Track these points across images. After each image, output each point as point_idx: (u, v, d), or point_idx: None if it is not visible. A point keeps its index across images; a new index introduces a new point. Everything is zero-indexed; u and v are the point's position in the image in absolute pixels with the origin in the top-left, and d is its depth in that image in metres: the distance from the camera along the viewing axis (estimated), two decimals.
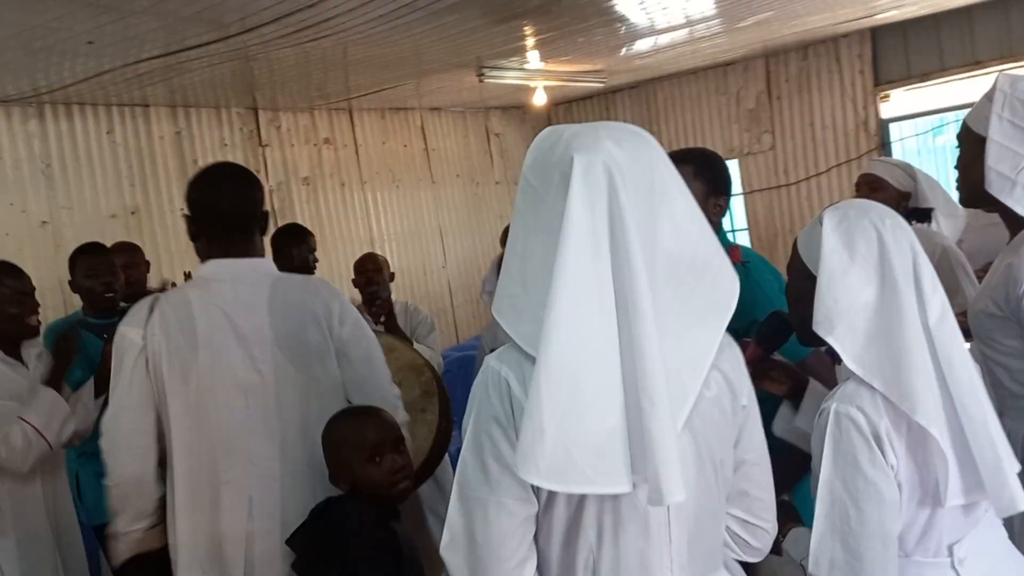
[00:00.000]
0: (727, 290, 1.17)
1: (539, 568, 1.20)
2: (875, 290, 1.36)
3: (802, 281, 1.47)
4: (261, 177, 6.05)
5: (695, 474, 1.18)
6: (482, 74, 5.60)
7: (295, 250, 3.68)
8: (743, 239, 7.73)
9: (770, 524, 1.32)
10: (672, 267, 1.12)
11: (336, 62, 5.00)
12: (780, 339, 1.74)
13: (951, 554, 1.39)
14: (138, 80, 4.74)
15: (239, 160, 5.92)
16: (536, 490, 1.14)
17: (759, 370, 1.69)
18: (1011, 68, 6.17)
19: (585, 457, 1.04)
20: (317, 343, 1.98)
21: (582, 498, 1.14)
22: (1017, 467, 1.38)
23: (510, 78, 5.86)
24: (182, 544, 1.94)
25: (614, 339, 1.05)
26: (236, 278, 1.97)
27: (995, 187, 1.75)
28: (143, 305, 1.99)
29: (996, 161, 1.74)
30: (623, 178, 1.09)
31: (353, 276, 4.17)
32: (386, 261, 4.21)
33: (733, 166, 7.62)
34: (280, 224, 4.24)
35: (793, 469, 1.57)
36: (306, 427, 1.97)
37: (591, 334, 1.05)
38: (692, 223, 1.16)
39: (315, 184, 6.40)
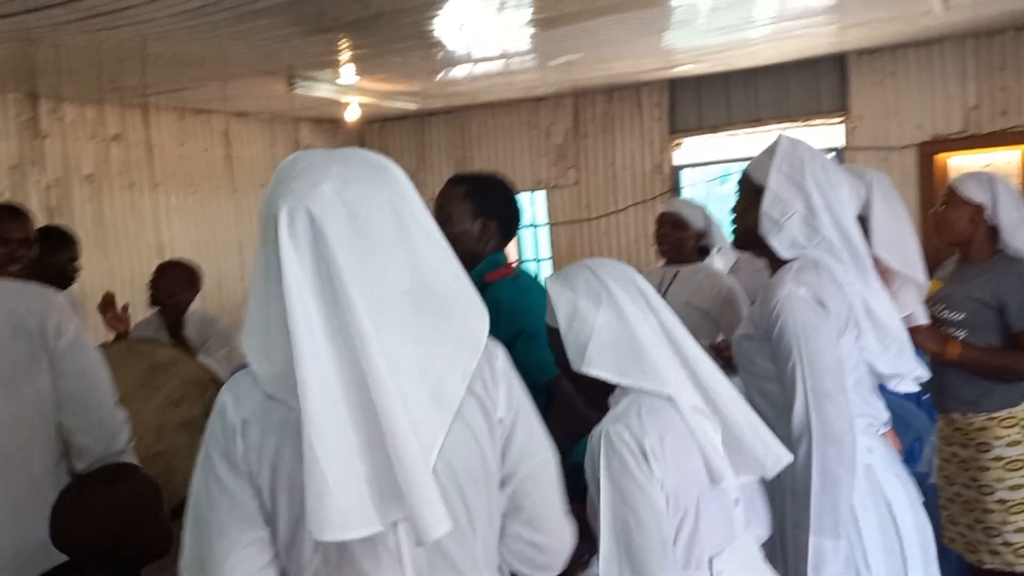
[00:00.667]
0: (477, 325, 1.19)
1: None
2: (604, 311, 1.52)
3: (551, 333, 1.62)
4: (37, 171, 5.51)
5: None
6: (293, 83, 5.44)
7: (52, 258, 3.34)
8: (546, 269, 8.00)
9: (557, 538, 1.31)
10: (412, 306, 1.12)
11: (133, 54, 4.65)
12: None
13: (711, 567, 1.48)
14: None
15: (12, 151, 5.37)
16: (264, 513, 1.15)
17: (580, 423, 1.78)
18: (787, 127, 6.86)
19: (351, 504, 1.04)
20: (25, 356, 1.83)
21: (299, 523, 1.12)
22: (769, 431, 1.56)
23: (322, 91, 5.73)
24: None
25: (345, 388, 1.06)
26: None
27: (764, 229, 1.97)
28: None
29: (769, 207, 1.96)
30: (333, 224, 1.08)
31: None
32: (185, 269, 3.89)
33: (541, 197, 7.89)
34: (55, 221, 3.87)
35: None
36: (14, 446, 1.82)
37: (329, 388, 1.05)
38: (437, 260, 1.16)
39: (100, 183, 5.91)
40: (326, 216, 1.08)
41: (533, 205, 8.02)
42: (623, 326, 1.51)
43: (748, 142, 6.98)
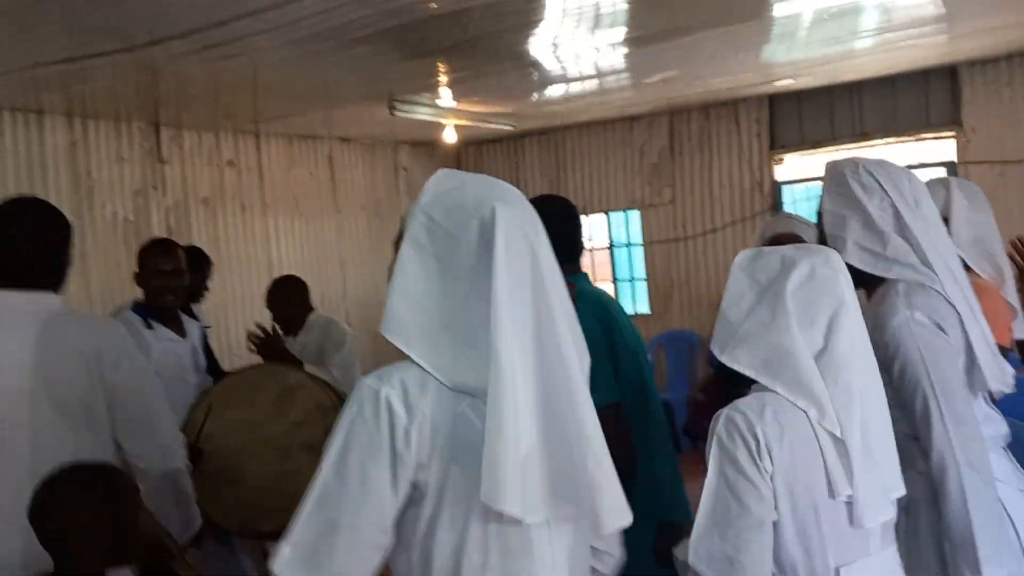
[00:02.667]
0: (583, 343, 1.28)
1: None
2: (767, 306, 1.49)
3: None
4: (158, 195, 5.87)
5: None
6: (393, 107, 5.63)
7: (194, 274, 3.58)
8: (641, 288, 7.95)
9: (616, 550, 1.39)
10: (567, 324, 1.23)
11: (245, 84, 4.93)
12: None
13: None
14: (34, 84, 4.55)
15: (136, 176, 5.73)
16: (413, 518, 1.17)
17: (711, 397, 1.78)
18: (895, 143, 6.63)
19: (526, 485, 1.12)
20: (85, 388, 1.94)
21: (467, 520, 1.15)
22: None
23: (421, 114, 5.90)
24: None
25: (538, 392, 1.15)
26: (9, 311, 1.95)
27: (834, 248, 1.91)
28: None
29: (830, 227, 1.96)
30: (537, 238, 1.22)
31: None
32: (295, 284, 4.10)
33: (635, 217, 7.87)
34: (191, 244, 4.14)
35: None
36: None
37: (524, 386, 1.13)
38: (561, 279, 1.26)
39: (215, 206, 6.25)
40: (525, 222, 1.21)
41: (628, 225, 8.00)
42: (775, 330, 1.47)
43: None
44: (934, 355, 1.77)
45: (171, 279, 3.05)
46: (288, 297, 4.02)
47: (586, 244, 2.45)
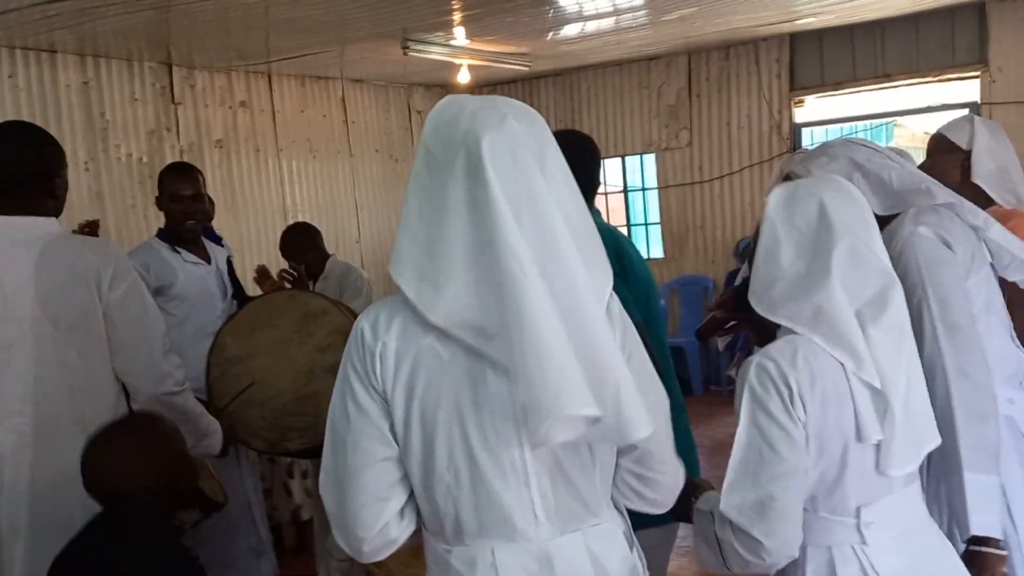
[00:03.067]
0: (604, 257, 1.27)
1: (420, 511, 1.28)
2: (807, 257, 1.45)
3: (757, 245, 1.56)
4: (172, 136, 5.85)
5: None
6: (407, 46, 5.55)
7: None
8: (655, 232, 7.91)
9: (666, 476, 1.34)
10: (573, 236, 1.20)
11: (257, 21, 4.86)
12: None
13: (858, 516, 1.45)
14: (46, 22, 4.51)
15: (149, 117, 5.71)
16: (394, 434, 1.22)
17: (737, 320, 1.78)
18: (917, 82, 6.49)
19: (575, 385, 1.13)
20: (82, 304, 2.00)
21: (433, 442, 1.20)
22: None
23: (434, 53, 5.82)
24: None
25: (555, 302, 1.14)
26: (11, 234, 2.01)
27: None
28: None
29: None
30: (526, 154, 1.18)
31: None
32: (306, 231, 4.16)
33: (651, 160, 7.78)
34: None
35: None
36: (69, 387, 2.00)
37: (543, 298, 1.13)
38: (575, 198, 1.24)
39: (228, 148, 6.23)
40: (520, 147, 1.18)
41: (643, 168, 7.92)
42: (812, 291, 1.44)
43: (875, 99, 6.65)
44: (933, 264, 1.76)
45: (191, 203, 3.06)
46: (299, 245, 4.08)
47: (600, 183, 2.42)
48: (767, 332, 1.80)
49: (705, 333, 2.02)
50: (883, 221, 1.88)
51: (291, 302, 2.99)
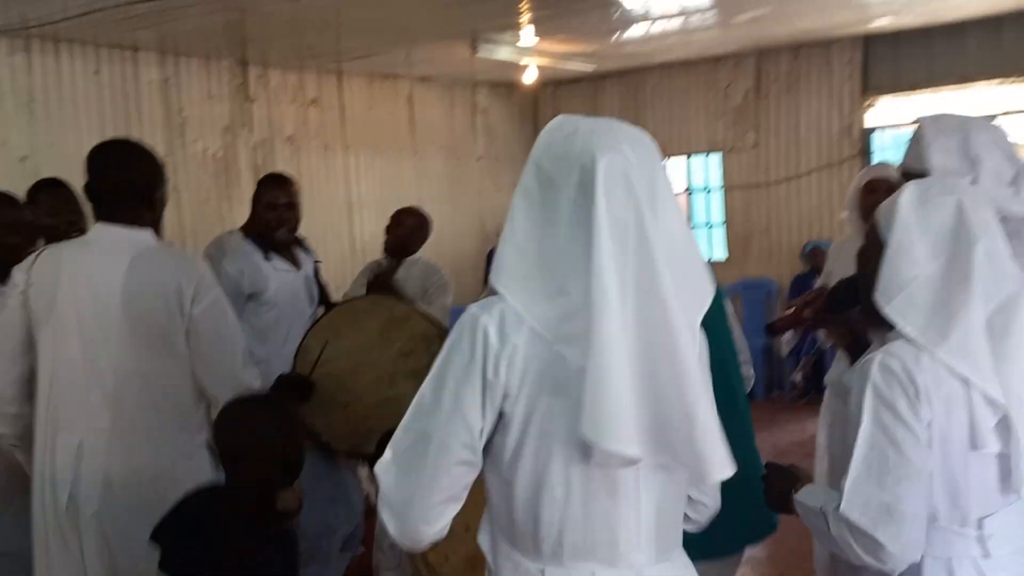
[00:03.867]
0: (706, 286, 1.26)
1: (503, 526, 1.24)
2: (942, 264, 1.42)
3: (873, 249, 1.52)
4: (246, 132, 6.02)
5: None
6: (476, 46, 5.60)
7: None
8: (719, 234, 7.82)
9: (713, 502, 1.36)
10: (676, 267, 1.20)
11: (329, 21, 4.97)
12: (847, 303, 1.79)
13: (980, 527, 1.42)
14: (128, 22, 4.68)
15: (225, 114, 5.88)
16: (500, 445, 1.20)
17: (818, 320, 1.75)
18: (1000, 85, 6.28)
19: (645, 430, 1.14)
20: (163, 316, 2.09)
21: (550, 454, 1.18)
22: None
23: (502, 53, 5.86)
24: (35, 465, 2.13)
25: (638, 337, 1.15)
26: (106, 243, 2.13)
27: None
28: (38, 252, 2.20)
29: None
30: (639, 182, 1.18)
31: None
32: (424, 218, 4.20)
33: (715, 161, 7.70)
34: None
35: None
36: (144, 393, 2.10)
37: (623, 331, 1.14)
38: (682, 226, 1.25)
39: (299, 144, 6.37)
40: (633, 172, 1.18)
41: (707, 169, 7.84)
42: (950, 294, 1.39)
43: (953, 101, 6.45)
44: None
45: (285, 212, 3.15)
46: (417, 226, 4.10)
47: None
48: (858, 340, 1.77)
49: (779, 328, 1.96)
50: None
51: (375, 307, 3.05)
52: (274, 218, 3.14)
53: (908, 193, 1.48)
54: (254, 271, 3.11)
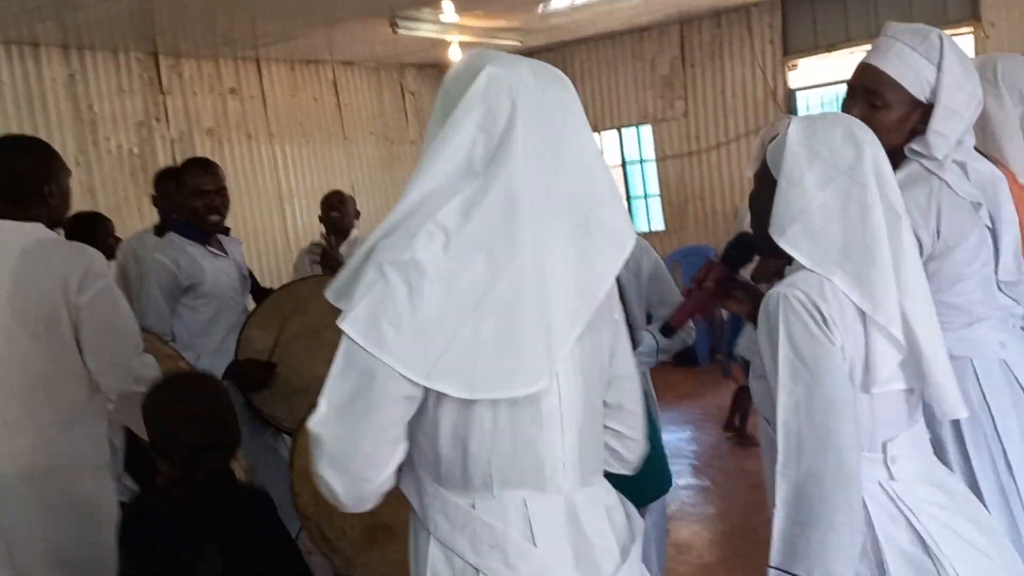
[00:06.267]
0: (624, 227, 1.22)
1: (428, 465, 1.19)
2: (838, 191, 1.39)
3: (765, 188, 1.49)
4: (162, 127, 5.80)
5: (581, 374, 1.22)
6: (395, 24, 5.48)
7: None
8: (655, 205, 7.85)
9: (640, 435, 1.36)
10: (571, 201, 1.16)
11: (241, 5, 4.80)
12: (744, 258, 1.76)
13: (884, 451, 1.43)
14: (27, 16, 4.45)
15: (138, 108, 5.66)
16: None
17: (724, 289, 1.70)
18: None
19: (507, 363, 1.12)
20: (50, 306, 2.07)
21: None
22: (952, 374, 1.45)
23: (424, 31, 5.75)
24: None
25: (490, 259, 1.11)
26: None
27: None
28: None
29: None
30: (527, 104, 1.14)
31: (320, 213, 4.28)
32: (351, 198, 4.33)
33: (647, 132, 7.71)
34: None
35: None
36: (33, 385, 2.07)
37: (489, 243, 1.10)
38: (595, 164, 1.21)
39: (220, 136, 6.17)
40: (524, 97, 1.14)
41: (640, 140, 7.85)
42: (846, 220, 1.38)
43: None
44: (955, 213, 1.73)
45: (216, 198, 3.00)
46: (342, 201, 4.25)
47: None
48: (759, 299, 1.76)
49: (675, 323, 1.85)
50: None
51: (319, 288, 2.96)
52: (204, 205, 2.97)
53: (795, 126, 1.45)
54: (189, 261, 2.97)
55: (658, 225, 7.77)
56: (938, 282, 1.73)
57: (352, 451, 1.12)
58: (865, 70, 1.80)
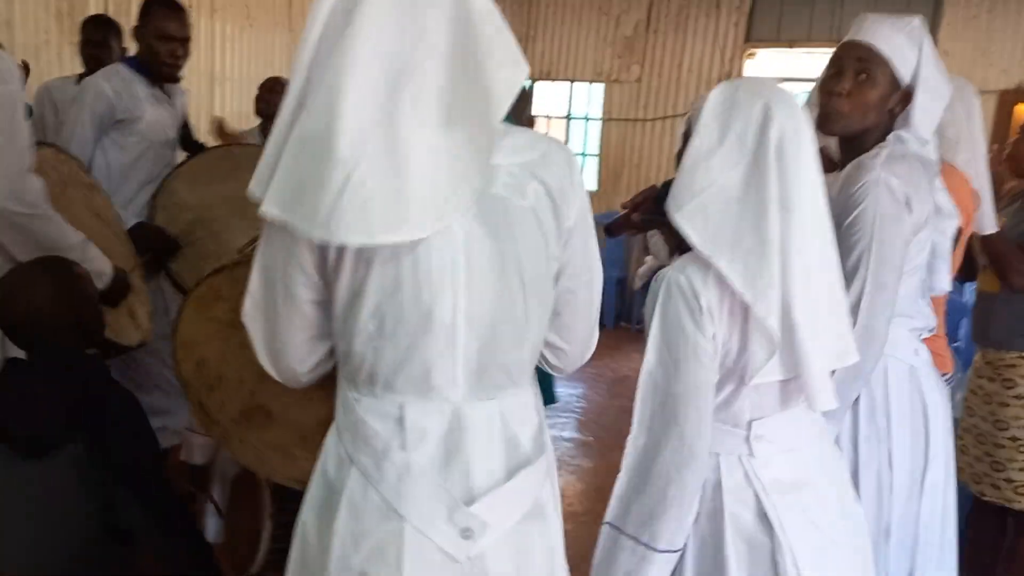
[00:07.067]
0: (512, 74, 1.13)
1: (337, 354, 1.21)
2: (741, 174, 1.35)
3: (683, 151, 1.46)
4: None
5: (494, 279, 1.15)
6: None
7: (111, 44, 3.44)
8: (592, 164, 7.86)
9: (579, 348, 1.34)
10: (451, 58, 1.08)
11: None
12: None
13: (748, 428, 1.45)
14: None
15: None
16: (323, 270, 1.14)
17: (646, 224, 1.70)
18: None
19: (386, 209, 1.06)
20: None
21: (363, 286, 1.12)
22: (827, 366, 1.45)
23: None
24: None
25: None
26: None
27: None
28: None
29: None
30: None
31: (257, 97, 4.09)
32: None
33: (599, 90, 7.67)
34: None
35: None
36: None
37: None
38: (488, 21, 1.12)
39: None
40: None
41: (589, 98, 7.81)
42: (742, 205, 1.34)
43: (824, 63, 6.65)
44: (887, 220, 1.72)
45: (179, 47, 2.79)
46: (280, 92, 3.90)
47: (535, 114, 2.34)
48: (683, 240, 1.77)
49: (615, 229, 1.94)
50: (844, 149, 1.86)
51: (253, 157, 2.83)
52: (167, 51, 2.76)
53: (718, 91, 1.40)
54: (130, 96, 2.77)
55: (591, 185, 7.79)
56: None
57: (278, 347, 1.21)
58: (855, 46, 1.80)
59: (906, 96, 1.81)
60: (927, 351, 1.96)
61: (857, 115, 1.80)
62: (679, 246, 1.76)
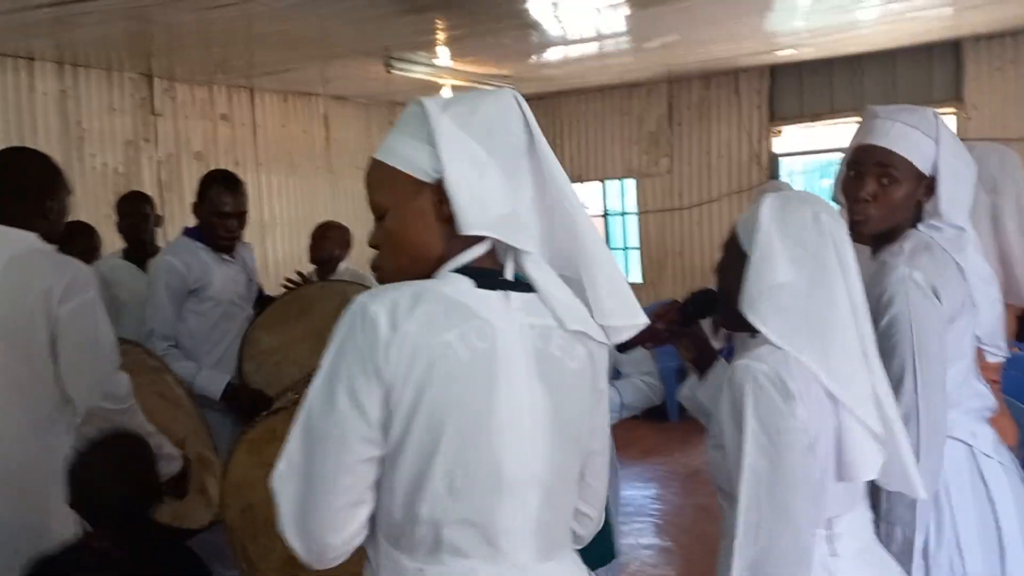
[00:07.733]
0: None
1: (383, 523, 1.16)
2: (806, 274, 1.42)
3: (733, 260, 1.51)
4: (150, 147, 5.80)
5: (552, 442, 1.16)
6: (390, 65, 5.55)
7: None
8: (634, 258, 7.92)
9: (597, 513, 1.33)
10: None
11: (239, 35, 4.85)
12: (700, 313, 1.78)
13: (830, 527, 1.43)
14: (23, 28, 4.47)
15: (127, 127, 5.67)
16: (386, 434, 1.11)
17: (671, 335, 1.73)
18: None
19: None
20: (27, 317, 2.03)
21: (436, 445, 1.10)
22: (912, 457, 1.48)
23: (417, 72, 5.82)
24: None
25: None
26: None
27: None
28: None
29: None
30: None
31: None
32: (339, 228, 4.21)
33: (631, 186, 7.81)
34: (164, 196, 4.10)
35: None
36: (17, 382, 2.04)
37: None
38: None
39: (207, 160, 6.18)
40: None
41: (623, 193, 7.95)
42: (818, 305, 1.40)
43: (852, 132, 6.70)
44: (923, 319, 1.73)
45: (234, 221, 2.97)
46: (342, 239, 4.13)
47: None
48: (703, 354, 1.80)
49: (630, 342, 1.92)
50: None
51: (324, 292, 2.94)
52: (221, 225, 2.94)
53: (768, 203, 1.48)
54: (199, 265, 2.94)
55: (636, 278, 7.83)
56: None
57: (309, 511, 1.11)
58: (873, 150, 1.83)
59: (930, 186, 1.83)
60: (989, 431, 1.91)
61: (886, 216, 1.83)
62: (694, 361, 1.79)
